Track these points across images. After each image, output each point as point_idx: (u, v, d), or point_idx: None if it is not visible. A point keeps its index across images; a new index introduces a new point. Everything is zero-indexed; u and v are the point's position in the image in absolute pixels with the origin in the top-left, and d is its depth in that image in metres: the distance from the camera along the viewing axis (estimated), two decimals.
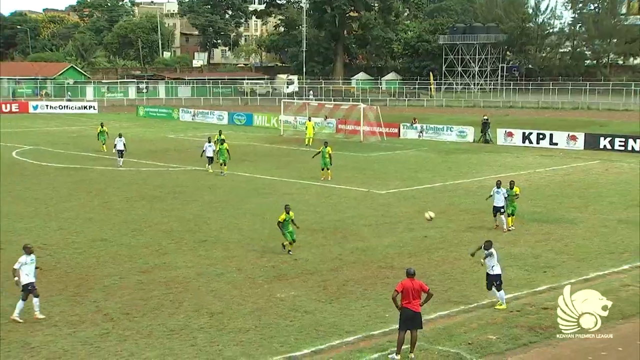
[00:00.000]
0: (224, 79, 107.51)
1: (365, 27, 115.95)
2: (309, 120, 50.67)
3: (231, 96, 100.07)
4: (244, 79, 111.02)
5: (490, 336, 14.39)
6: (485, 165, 39.46)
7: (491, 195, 24.04)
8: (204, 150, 35.70)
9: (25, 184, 32.18)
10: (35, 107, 77.73)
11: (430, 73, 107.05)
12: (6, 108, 76.46)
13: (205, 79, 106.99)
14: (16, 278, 14.89)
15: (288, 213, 20.29)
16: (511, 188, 23.85)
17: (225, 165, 34.62)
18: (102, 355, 13.41)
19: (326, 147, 33.49)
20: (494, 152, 45.32)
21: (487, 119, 51.73)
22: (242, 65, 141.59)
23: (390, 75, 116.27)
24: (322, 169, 33.38)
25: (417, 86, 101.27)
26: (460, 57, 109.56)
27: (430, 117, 68.32)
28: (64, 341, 14.06)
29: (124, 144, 37.57)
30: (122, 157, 37.40)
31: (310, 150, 44.68)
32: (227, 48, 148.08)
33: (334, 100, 77.84)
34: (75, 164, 38.58)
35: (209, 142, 36.07)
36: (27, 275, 14.96)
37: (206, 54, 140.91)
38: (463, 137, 51.95)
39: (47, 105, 79.03)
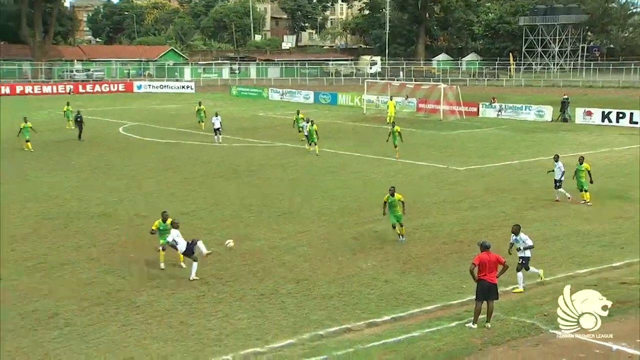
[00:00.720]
0: (311, 60, 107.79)
1: (447, 9, 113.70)
2: (390, 100, 50.25)
3: (317, 76, 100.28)
4: (330, 60, 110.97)
5: None
6: (564, 144, 38.15)
7: (553, 170, 23.79)
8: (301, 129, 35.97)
9: (131, 158, 33.33)
10: (139, 87, 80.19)
11: (510, 54, 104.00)
12: (114, 87, 79.29)
13: (293, 61, 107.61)
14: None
15: (392, 195, 18.71)
16: (580, 163, 23.44)
17: (315, 145, 33.90)
18: (200, 315, 13.83)
19: (394, 126, 32.93)
20: (572, 131, 43.77)
21: (567, 98, 50.04)
22: (328, 47, 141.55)
23: (471, 56, 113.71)
24: (395, 147, 32.76)
25: (496, 67, 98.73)
26: (540, 37, 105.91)
27: (509, 96, 66.49)
28: (165, 301, 14.58)
29: (221, 123, 37.80)
30: (219, 135, 37.64)
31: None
32: (314, 31, 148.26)
33: (415, 81, 76.86)
34: (173, 139, 39.61)
35: (308, 121, 35.51)
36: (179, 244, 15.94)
37: (294, 36, 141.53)
38: (541, 116, 50.38)
39: (149, 85, 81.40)
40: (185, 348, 12.35)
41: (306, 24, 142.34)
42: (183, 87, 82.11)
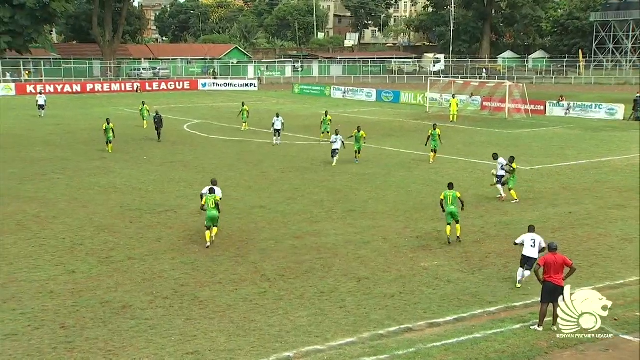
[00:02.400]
0: (374, 58, 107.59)
1: (514, 5, 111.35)
2: (453, 98, 49.66)
3: (380, 74, 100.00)
4: (393, 58, 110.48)
5: (637, 313, 13.57)
6: (635, 143, 36.92)
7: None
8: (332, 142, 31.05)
9: (195, 154, 33.94)
10: (204, 85, 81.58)
11: (580, 51, 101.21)
12: (179, 85, 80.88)
13: (355, 58, 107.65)
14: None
15: (450, 188, 18.54)
16: (510, 162, 23.44)
17: (359, 153, 31.22)
18: (261, 312, 13.96)
19: (435, 129, 30.97)
20: None
21: (639, 96, 48.44)
22: (390, 44, 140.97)
23: (538, 54, 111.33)
24: (433, 151, 30.74)
25: (565, 64, 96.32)
26: (612, 34, 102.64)
27: (578, 95, 64.82)
28: (227, 297, 14.78)
29: (282, 123, 36.54)
30: (279, 137, 36.55)
31: (455, 127, 43.92)
32: (377, 28, 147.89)
33: (479, 79, 75.70)
34: (237, 137, 40.12)
35: (337, 134, 30.96)
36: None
37: (357, 34, 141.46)
38: (612, 115, 48.89)
39: (214, 83, 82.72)
40: (247, 343, 12.50)
41: (369, 22, 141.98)
42: (246, 84, 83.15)
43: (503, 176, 23.40)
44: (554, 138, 39.69)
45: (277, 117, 36.96)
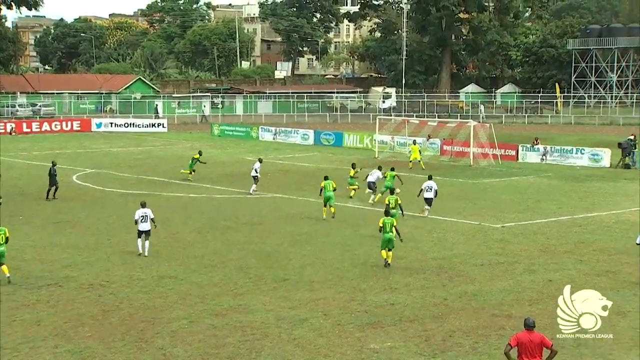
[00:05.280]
0: (310, 93, 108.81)
1: (477, 30, 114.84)
2: (414, 144, 49.96)
3: (318, 112, 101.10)
4: (333, 93, 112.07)
5: None
6: (625, 196, 38.21)
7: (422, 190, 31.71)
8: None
9: (87, 212, 33.36)
10: (99, 125, 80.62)
11: (557, 84, 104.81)
12: (67, 126, 79.64)
13: (288, 93, 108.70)
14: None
15: (387, 215, 23.95)
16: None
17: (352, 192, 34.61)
18: None
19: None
20: (637, 180, 43.84)
21: (631, 140, 49.96)
22: (331, 76, 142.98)
23: (507, 88, 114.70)
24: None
25: (539, 100, 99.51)
26: (594, 64, 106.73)
27: (556, 137, 67.03)
28: None
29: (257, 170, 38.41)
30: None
31: (410, 176, 44.56)
32: (314, 57, 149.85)
33: (438, 117, 77.49)
34: (141, 189, 39.69)
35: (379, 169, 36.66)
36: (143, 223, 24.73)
37: (290, 63, 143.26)
38: (597, 162, 50.54)
39: (111, 123, 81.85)
40: None
41: (305, 49, 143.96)
42: (154, 125, 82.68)
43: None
44: (528, 189, 40.73)
45: (260, 161, 39.97)
